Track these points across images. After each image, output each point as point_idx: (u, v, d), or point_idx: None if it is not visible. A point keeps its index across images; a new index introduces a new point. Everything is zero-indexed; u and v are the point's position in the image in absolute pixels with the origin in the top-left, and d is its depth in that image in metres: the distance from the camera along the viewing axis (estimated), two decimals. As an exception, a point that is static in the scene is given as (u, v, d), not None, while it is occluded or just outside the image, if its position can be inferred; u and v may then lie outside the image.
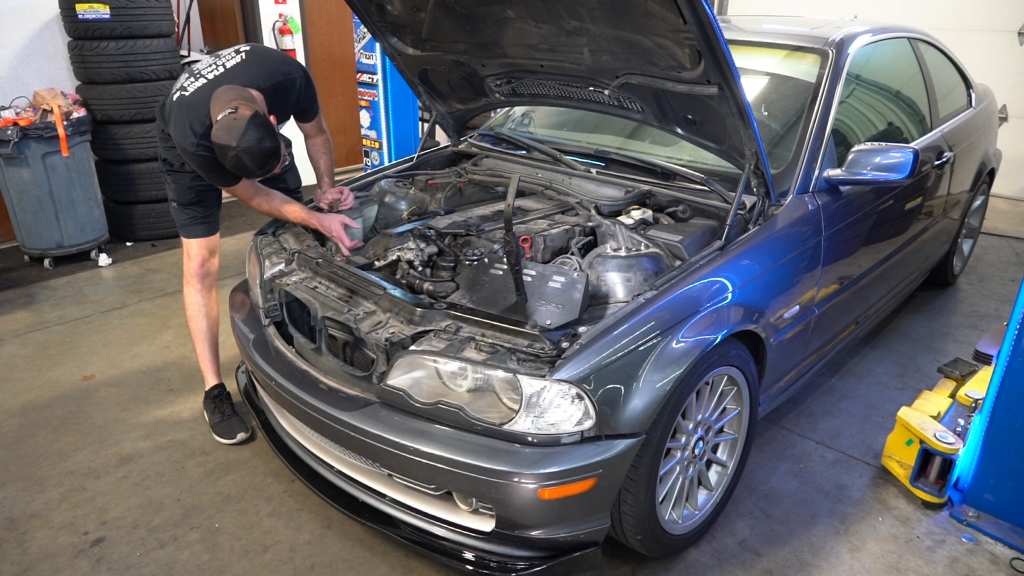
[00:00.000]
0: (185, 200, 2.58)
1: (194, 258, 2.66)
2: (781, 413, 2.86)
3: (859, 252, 2.66)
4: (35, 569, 2.09)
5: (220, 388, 2.77)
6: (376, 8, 2.48)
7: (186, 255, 2.68)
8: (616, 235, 2.14)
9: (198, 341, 2.74)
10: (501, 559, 1.83)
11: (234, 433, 2.64)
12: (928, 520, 2.31)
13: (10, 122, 3.92)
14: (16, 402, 2.93)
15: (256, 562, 2.11)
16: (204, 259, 2.67)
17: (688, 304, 1.90)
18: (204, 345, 2.73)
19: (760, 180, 2.16)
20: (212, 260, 2.69)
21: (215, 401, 2.73)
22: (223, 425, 2.66)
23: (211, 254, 2.69)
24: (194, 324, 2.72)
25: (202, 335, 2.72)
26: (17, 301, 3.87)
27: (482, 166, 2.91)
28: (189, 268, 2.67)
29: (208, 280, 2.70)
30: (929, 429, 2.36)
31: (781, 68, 2.75)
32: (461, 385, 1.79)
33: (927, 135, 3.15)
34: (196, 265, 2.66)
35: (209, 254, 2.68)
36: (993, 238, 4.94)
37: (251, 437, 2.64)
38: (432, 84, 2.84)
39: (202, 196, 2.58)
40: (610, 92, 2.27)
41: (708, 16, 1.69)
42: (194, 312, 2.70)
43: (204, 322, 2.70)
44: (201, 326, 2.71)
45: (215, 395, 2.74)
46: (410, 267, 2.20)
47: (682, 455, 2.04)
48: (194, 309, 2.69)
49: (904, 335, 3.54)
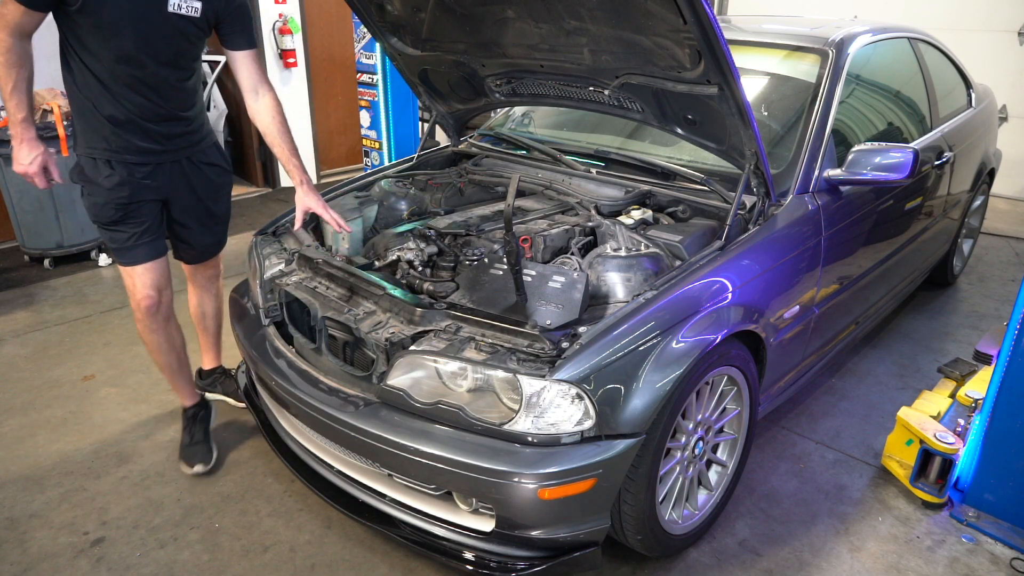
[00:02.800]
0: (106, 218, 2.16)
1: (138, 292, 2.25)
2: (781, 413, 2.86)
3: (859, 252, 2.66)
4: (35, 569, 2.09)
5: (197, 407, 2.58)
6: (376, 8, 2.48)
7: (129, 294, 2.28)
8: (616, 235, 2.14)
9: (166, 374, 2.50)
10: (501, 559, 1.83)
11: (193, 462, 2.44)
12: (928, 520, 2.31)
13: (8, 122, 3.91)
14: (16, 402, 2.93)
15: (256, 562, 2.11)
16: (148, 296, 2.26)
17: (688, 304, 1.90)
18: (173, 375, 2.50)
19: (760, 180, 2.16)
20: (163, 294, 2.31)
21: (189, 421, 2.55)
22: (187, 450, 2.48)
23: (159, 290, 2.28)
24: (157, 359, 2.45)
25: (168, 368, 2.48)
26: (17, 301, 3.87)
27: (482, 166, 2.91)
28: (138, 308, 2.29)
29: (163, 313, 2.34)
30: (929, 429, 2.36)
31: (781, 68, 2.74)
32: (461, 385, 1.79)
33: (927, 135, 3.15)
34: (144, 305, 2.27)
35: (156, 291, 2.27)
36: (993, 238, 4.94)
37: (210, 471, 2.45)
38: (432, 84, 2.84)
39: (128, 211, 2.17)
40: (610, 92, 2.27)
41: (708, 16, 1.69)
42: (153, 349, 2.42)
43: (168, 356, 2.44)
44: (164, 360, 2.45)
45: (191, 415, 2.57)
46: (410, 267, 2.20)
47: (682, 455, 2.04)
48: (153, 347, 2.41)
49: (904, 335, 3.54)
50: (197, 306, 2.66)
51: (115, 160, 2.13)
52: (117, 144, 2.12)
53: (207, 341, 2.78)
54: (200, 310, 2.66)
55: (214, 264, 2.59)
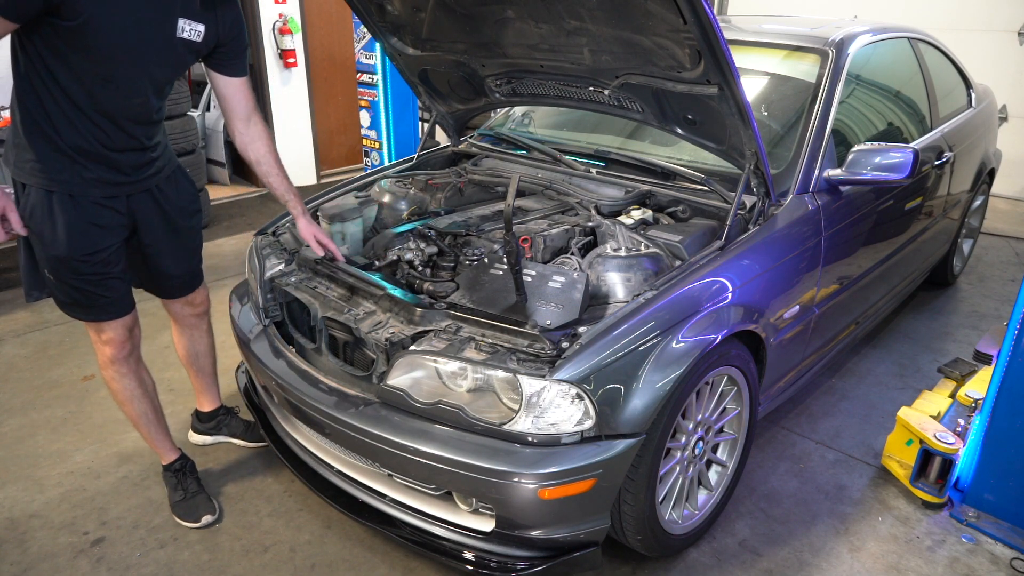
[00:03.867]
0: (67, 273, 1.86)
1: (107, 345, 2.03)
2: (781, 413, 2.86)
3: (859, 252, 2.66)
4: (35, 569, 2.09)
5: (182, 461, 2.32)
6: (376, 8, 2.48)
7: (94, 341, 2.05)
8: (616, 235, 2.14)
9: (141, 426, 2.23)
10: (501, 559, 1.83)
11: (198, 515, 2.21)
12: (928, 520, 2.31)
13: (10, 122, 3.91)
14: (16, 402, 2.93)
15: (256, 562, 2.11)
16: (122, 344, 2.05)
17: (688, 304, 1.90)
18: (149, 428, 2.24)
19: (760, 180, 2.16)
20: (133, 334, 2.10)
21: (176, 475, 2.28)
22: (185, 505, 2.24)
23: (129, 333, 2.07)
24: (130, 410, 2.18)
25: (144, 418, 2.21)
26: (17, 301, 3.87)
27: (482, 166, 2.91)
28: (103, 355, 2.07)
29: (133, 356, 2.12)
30: (929, 429, 2.36)
31: (781, 68, 2.75)
32: (461, 385, 1.79)
33: (927, 135, 3.15)
34: (112, 353, 2.05)
35: (128, 335, 2.06)
36: (993, 238, 4.94)
37: (219, 519, 2.25)
38: (432, 84, 2.84)
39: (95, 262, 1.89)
40: (610, 92, 2.27)
41: (708, 16, 1.69)
42: (125, 399, 2.16)
43: (142, 404, 2.19)
44: (139, 410, 2.19)
45: (176, 468, 2.29)
46: (410, 267, 2.20)
47: (682, 455, 2.04)
48: (124, 396, 2.15)
49: (904, 335, 3.54)
50: (187, 347, 2.42)
51: (78, 195, 1.84)
52: (79, 178, 1.84)
53: (203, 382, 2.54)
54: (191, 351, 2.43)
55: (201, 300, 2.36)
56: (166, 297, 2.31)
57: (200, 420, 2.64)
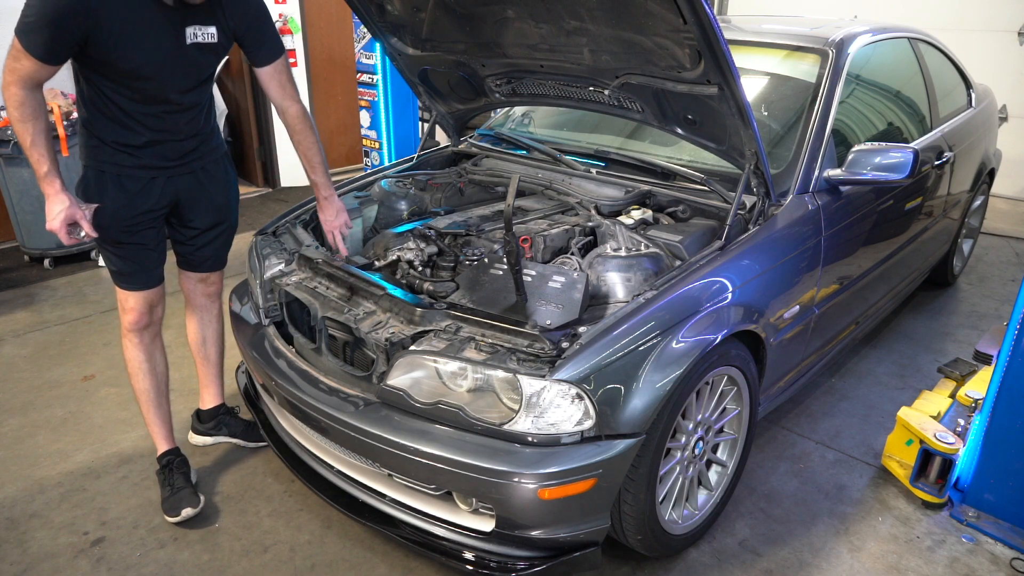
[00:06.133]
0: (109, 239, 2.10)
1: (129, 312, 2.22)
2: (781, 413, 2.86)
3: (859, 252, 2.66)
4: (35, 569, 2.09)
5: (171, 455, 2.36)
6: (376, 8, 2.48)
7: (120, 306, 2.23)
8: (616, 235, 2.14)
9: (143, 402, 2.34)
10: (501, 559, 1.83)
11: (179, 508, 2.22)
12: (928, 520, 2.31)
13: (10, 122, 3.92)
14: (16, 402, 2.93)
15: (256, 562, 2.11)
16: (142, 315, 2.22)
17: (688, 304, 1.90)
18: (150, 407, 2.34)
19: (760, 180, 2.16)
20: (155, 311, 2.27)
21: (165, 471, 2.33)
22: (171, 500, 2.26)
23: (151, 306, 2.24)
24: (136, 383, 2.31)
25: (147, 395, 2.32)
26: (17, 301, 3.87)
27: (482, 166, 2.91)
28: (125, 321, 2.24)
29: (151, 331, 2.29)
30: (929, 429, 2.36)
31: (781, 68, 2.75)
32: (461, 385, 1.79)
33: (927, 135, 3.15)
34: (132, 320, 2.23)
35: (148, 306, 2.23)
36: (993, 238, 4.94)
37: (200, 512, 2.25)
38: (432, 84, 2.84)
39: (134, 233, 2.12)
40: (610, 92, 2.27)
41: (708, 16, 1.69)
42: (134, 369, 2.29)
43: (148, 380, 2.31)
44: (144, 385, 2.31)
45: (165, 463, 2.34)
46: (410, 267, 2.20)
47: (682, 455, 2.04)
48: (134, 366, 2.29)
49: (904, 335, 3.54)
50: (197, 331, 2.50)
51: (125, 175, 2.07)
52: (129, 162, 2.06)
53: (208, 372, 2.57)
54: (200, 335, 2.50)
55: (216, 280, 2.46)
56: (188, 269, 2.40)
57: (200, 420, 2.64)
